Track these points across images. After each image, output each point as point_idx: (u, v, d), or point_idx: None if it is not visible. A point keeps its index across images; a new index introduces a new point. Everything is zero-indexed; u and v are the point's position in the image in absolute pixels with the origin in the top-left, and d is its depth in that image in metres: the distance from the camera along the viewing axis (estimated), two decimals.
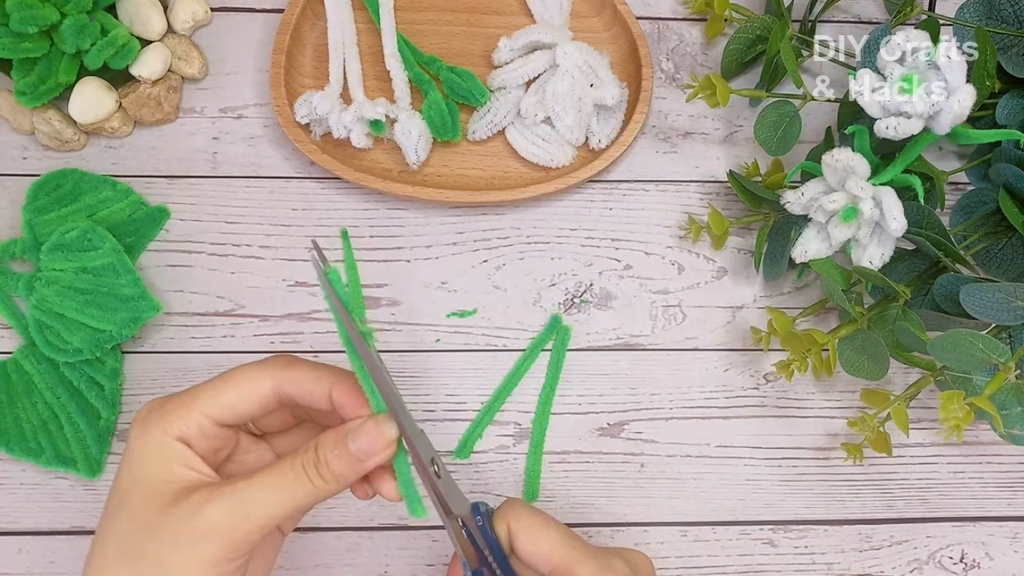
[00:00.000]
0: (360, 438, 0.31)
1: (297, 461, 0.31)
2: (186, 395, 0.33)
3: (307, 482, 0.31)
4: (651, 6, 0.54)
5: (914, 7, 0.47)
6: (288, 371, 0.33)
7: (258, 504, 0.30)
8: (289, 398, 0.33)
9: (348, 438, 0.31)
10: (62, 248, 0.46)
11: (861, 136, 0.42)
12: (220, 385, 0.33)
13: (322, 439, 0.32)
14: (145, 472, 0.31)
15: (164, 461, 0.31)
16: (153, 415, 0.32)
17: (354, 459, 0.31)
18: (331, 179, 0.50)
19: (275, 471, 0.31)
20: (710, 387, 0.49)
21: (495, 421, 0.48)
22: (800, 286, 0.50)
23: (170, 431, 0.32)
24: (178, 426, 0.32)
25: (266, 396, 0.33)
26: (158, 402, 0.33)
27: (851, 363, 0.43)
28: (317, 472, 0.31)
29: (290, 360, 0.33)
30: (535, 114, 0.49)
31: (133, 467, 0.32)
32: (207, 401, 0.32)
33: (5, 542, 0.46)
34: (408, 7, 0.52)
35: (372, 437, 0.31)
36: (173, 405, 0.32)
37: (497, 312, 0.49)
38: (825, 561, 0.47)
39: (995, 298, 0.39)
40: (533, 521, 0.34)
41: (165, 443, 0.32)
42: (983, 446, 0.49)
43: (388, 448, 0.32)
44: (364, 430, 0.31)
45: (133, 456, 0.32)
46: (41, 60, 0.46)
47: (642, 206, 0.51)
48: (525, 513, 0.34)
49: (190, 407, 0.32)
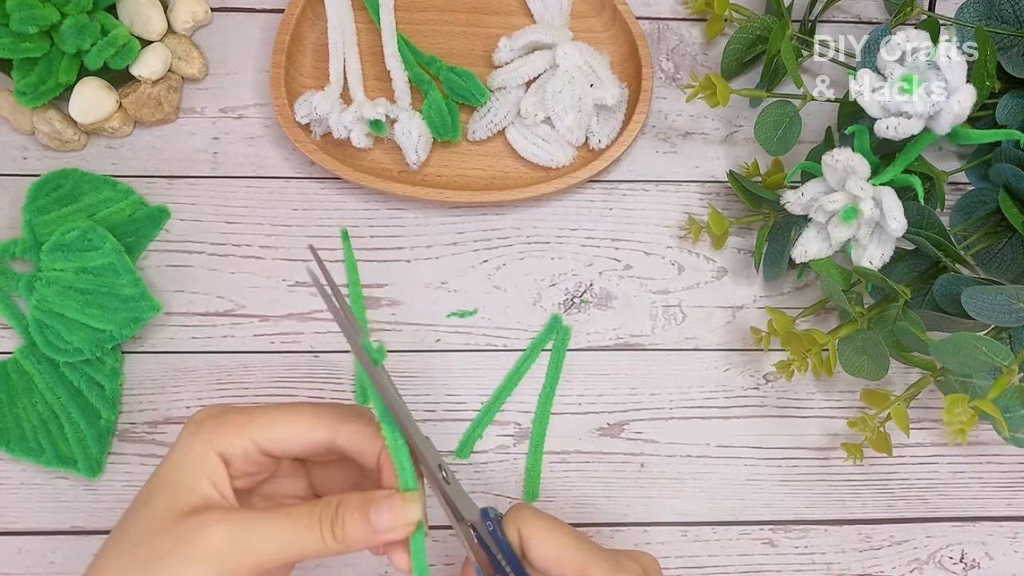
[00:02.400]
0: (383, 513, 0.31)
1: (316, 512, 0.31)
2: (243, 414, 0.33)
3: (318, 536, 0.31)
4: (651, 6, 0.54)
5: (914, 7, 0.47)
6: (346, 425, 0.33)
7: (263, 542, 0.30)
8: (340, 449, 0.33)
9: (372, 508, 0.31)
10: (62, 248, 0.46)
11: (861, 136, 0.42)
12: (277, 418, 0.33)
13: (347, 500, 0.32)
14: (178, 476, 0.32)
15: (198, 472, 0.32)
16: (207, 423, 0.32)
17: (371, 530, 0.31)
18: (331, 179, 0.50)
19: (291, 514, 0.31)
20: (710, 387, 0.49)
21: (495, 421, 0.48)
22: (800, 286, 0.50)
23: (216, 444, 0.32)
24: (225, 443, 0.32)
25: (319, 443, 0.33)
26: (217, 410, 0.33)
27: (851, 363, 0.43)
28: (331, 529, 0.31)
29: (350, 413, 0.33)
30: (535, 114, 0.49)
31: (171, 467, 0.32)
32: (260, 429, 0.32)
33: (5, 542, 0.46)
34: (408, 7, 0.52)
35: (396, 515, 0.31)
36: (228, 420, 0.32)
37: (497, 312, 0.49)
38: (825, 561, 0.47)
39: (997, 301, 0.39)
40: (543, 525, 0.33)
41: (206, 455, 0.32)
42: (983, 446, 0.49)
43: (407, 528, 0.31)
44: (390, 505, 0.31)
45: (174, 457, 0.32)
46: (41, 60, 0.46)
47: (642, 206, 0.51)
48: (535, 517, 0.34)
49: (243, 428, 0.32)
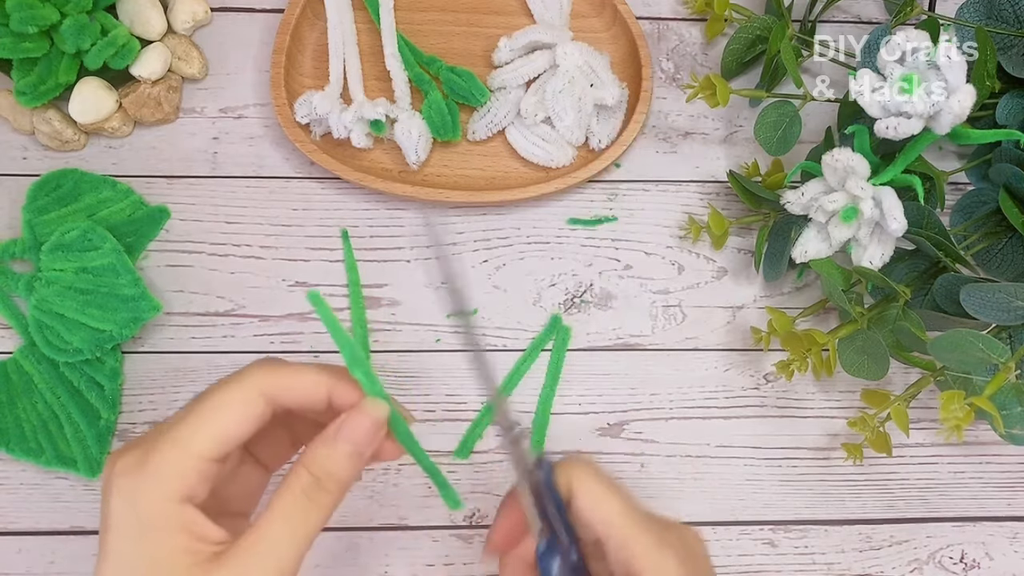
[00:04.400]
0: (352, 434, 0.29)
1: (295, 490, 0.28)
2: (166, 439, 0.28)
3: (315, 505, 0.29)
4: (651, 6, 0.54)
5: (914, 7, 0.47)
6: (277, 379, 0.29)
7: (285, 556, 0.28)
8: (283, 409, 0.30)
9: (339, 440, 0.29)
10: (62, 248, 0.46)
11: (861, 136, 0.42)
12: (205, 415, 0.28)
13: (310, 455, 0.29)
14: (147, 556, 0.27)
15: (169, 539, 0.27)
16: (137, 474, 0.27)
17: (353, 456, 0.29)
18: (331, 179, 0.50)
19: (279, 514, 0.28)
20: (710, 387, 0.49)
21: (495, 421, 0.48)
22: (800, 286, 0.50)
23: (170, 493, 0.27)
24: (177, 484, 0.27)
25: (260, 413, 0.29)
26: (135, 457, 0.27)
27: (851, 363, 0.43)
28: (321, 490, 0.29)
29: (272, 366, 0.30)
30: (535, 114, 0.49)
31: (126, 550, 0.27)
32: (197, 439, 0.28)
33: (5, 542, 0.46)
34: (408, 7, 0.52)
35: (363, 428, 0.29)
36: (160, 456, 0.27)
37: (497, 312, 0.49)
38: (825, 561, 0.47)
39: (995, 298, 0.39)
40: (596, 484, 0.31)
41: (167, 512, 0.27)
42: (983, 446, 0.49)
43: (381, 430, 0.30)
44: (354, 425, 0.29)
45: (123, 531, 0.27)
46: (41, 60, 0.46)
47: (642, 206, 0.51)
48: (589, 474, 0.31)
49: (182, 452, 0.27)
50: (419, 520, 0.47)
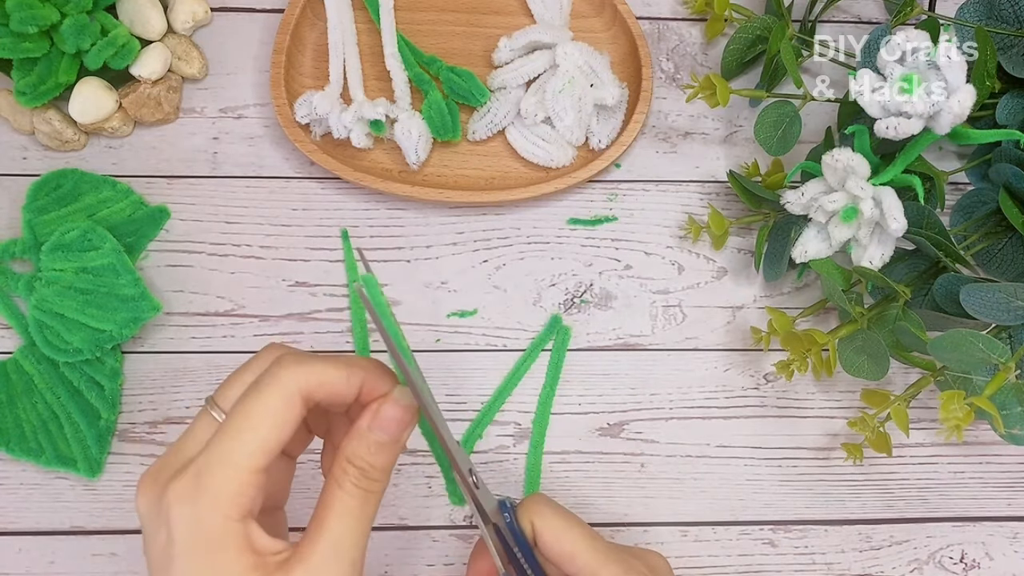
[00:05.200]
0: (387, 426, 0.30)
1: (345, 485, 0.29)
2: (216, 457, 0.27)
3: (368, 495, 0.29)
4: (651, 6, 0.54)
5: (914, 7, 0.47)
6: (312, 378, 0.29)
7: (351, 550, 0.28)
8: (314, 403, 0.30)
9: (374, 430, 0.29)
10: (62, 248, 0.46)
11: (861, 136, 0.42)
12: (251, 426, 0.28)
13: (351, 449, 0.30)
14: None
15: (239, 558, 0.27)
16: (196, 498, 0.27)
17: (391, 444, 0.30)
18: (331, 179, 0.50)
19: (335, 511, 0.29)
20: (710, 387, 0.49)
21: (495, 421, 0.48)
22: (800, 286, 0.50)
23: (231, 513, 0.27)
24: (236, 503, 0.27)
25: (299, 415, 0.29)
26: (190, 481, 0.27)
27: (851, 363, 0.43)
28: (368, 480, 0.29)
29: (302, 364, 0.29)
30: (535, 114, 0.49)
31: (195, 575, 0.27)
32: (247, 453, 0.27)
33: (5, 542, 0.46)
34: (408, 7, 0.52)
35: (398, 416, 0.30)
36: (214, 477, 0.27)
37: (497, 312, 0.49)
38: (825, 561, 0.47)
39: (995, 298, 0.39)
40: (556, 519, 0.33)
41: (232, 532, 0.27)
42: (983, 446, 0.49)
43: (414, 417, 0.30)
44: (388, 414, 0.30)
45: (191, 559, 0.27)
46: (41, 60, 0.46)
47: (642, 206, 0.51)
48: (548, 511, 0.33)
49: (235, 470, 0.27)
50: (419, 520, 0.47)
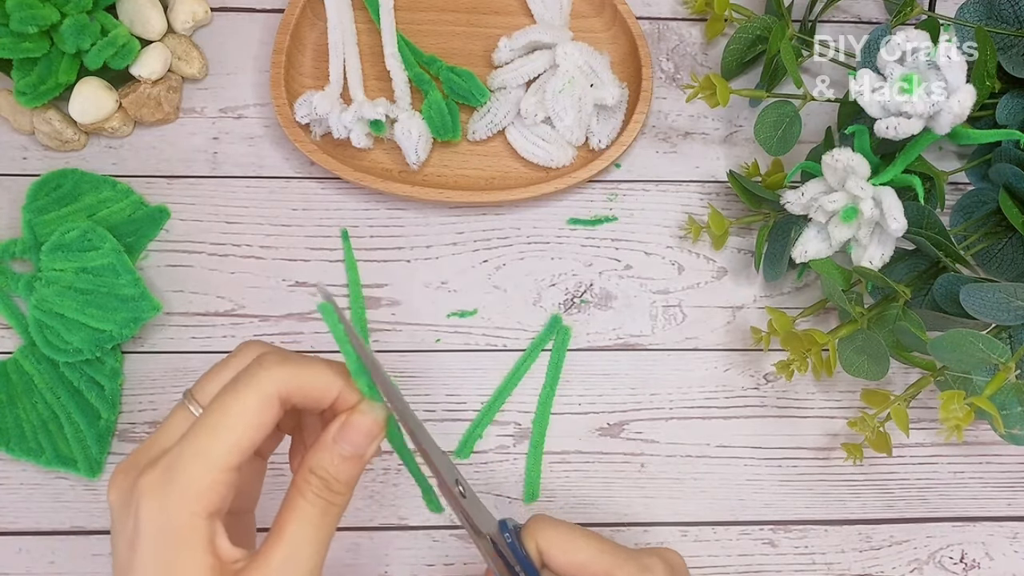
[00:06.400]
0: (353, 437, 0.29)
1: (307, 495, 0.29)
2: (189, 452, 0.27)
3: (328, 507, 0.29)
4: (651, 6, 0.54)
5: (914, 7, 0.47)
6: (292, 380, 0.29)
7: (307, 561, 0.28)
8: (291, 406, 0.30)
9: (339, 442, 0.29)
10: (62, 248, 0.46)
11: (861, 136, 0.42)
12: (225, 423, 0.28)
13: (316, 460, 0.29)
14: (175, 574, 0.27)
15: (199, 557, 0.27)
16: (165, 491, 0.27)
17: (356, 458, 0.29)
18: (331, 179, 0.50)
19: (294, 521, 0.28)
20: (710, 387, 0.49)
21: (495, 421, 0.48)
22: (800, 286, 0.50)
23: (199, 509, 0.27)
24: (205, 499, 0.27)
25: (276, 415, 0.29)
26: (160, 474, 0.27)
27: (851, 363, 0.43)
28: (331, 492, 0.29)
29: (284, 365, 0.29)
30: (535, 114, 0.49)
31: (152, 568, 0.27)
32: (220, 450, 0.27)
33: (5, 542, 0.46)
34: (408, 7, 0.52)
35: (364, 429, 0.29)
36: (185, 472, 0.27)
37: (497, 312, 0.49)
38: (825, 561, 0.47)
39: (995, 298, 0.39)
40: (562, 535, 0.33)
41: (197, 528, 0.27)
42: (983, 446, 0.49)
43: (381, 431, 0.30)
44: (354, 428, 0.29)
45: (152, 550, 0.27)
46: (41, 60, 0.46)
47: (642, 206, 0.51)
48: (552, 528, 0.33)
49: (207, 466, 0.27)
50: (419, 520, 0.47)
